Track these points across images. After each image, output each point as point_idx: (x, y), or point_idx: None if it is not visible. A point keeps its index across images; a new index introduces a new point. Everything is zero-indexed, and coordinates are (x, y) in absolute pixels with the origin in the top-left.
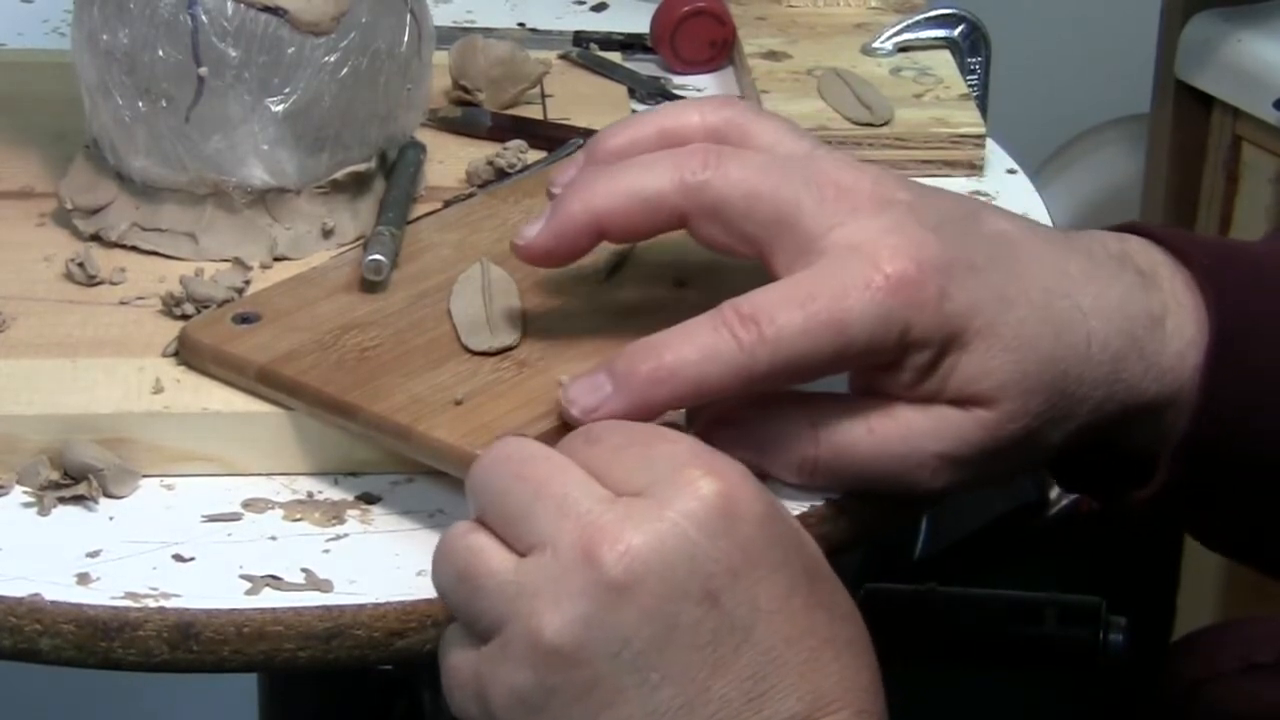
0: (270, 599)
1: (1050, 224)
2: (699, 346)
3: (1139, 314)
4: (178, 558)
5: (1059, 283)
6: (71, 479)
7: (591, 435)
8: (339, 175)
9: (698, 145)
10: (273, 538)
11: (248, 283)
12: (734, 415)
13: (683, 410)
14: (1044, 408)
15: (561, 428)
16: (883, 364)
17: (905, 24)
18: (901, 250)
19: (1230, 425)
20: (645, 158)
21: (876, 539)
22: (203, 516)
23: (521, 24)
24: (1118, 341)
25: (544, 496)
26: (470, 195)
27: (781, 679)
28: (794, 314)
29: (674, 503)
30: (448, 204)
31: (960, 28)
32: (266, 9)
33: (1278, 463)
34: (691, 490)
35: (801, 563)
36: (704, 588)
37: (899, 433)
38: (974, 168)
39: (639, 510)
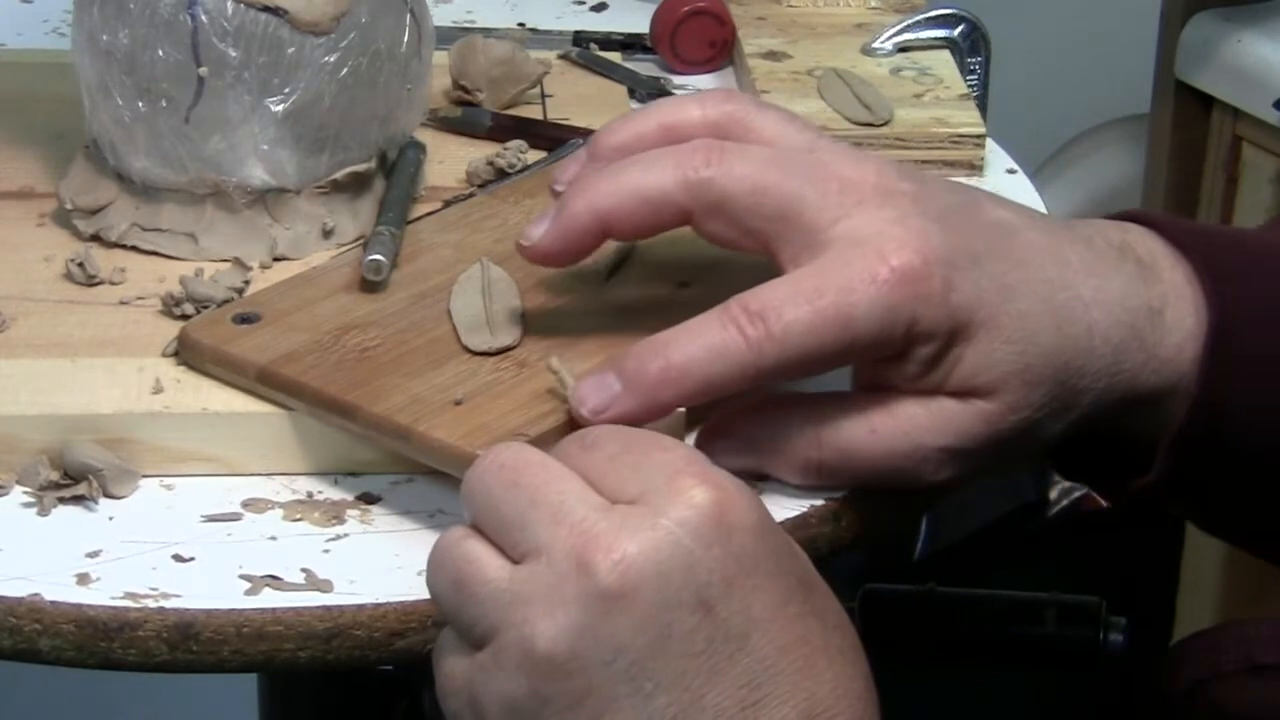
0: (270, 599)
1: None
2: (707, 344)
3: (1139, 306)
4: (177, 558)
5: (1060, 273)
6: (71, 479)
7: (587, 441)
8: (339, 175)
9: (700, 141)
10: (273, 538)
11: (248, 283)
12: (734, 424)
13: (683, 410)
14: (1045, 400)
15: (562, 427)
16: (888, 356)
17: (905, 24)
18: (906, 243)
19: (1226, 416)
20: (647, 155)
21: (877, 539)
22: (202, 516)
23: (521, 24)
24: (1119, 333)
25: (538, 504)
26: (470, 195)
27: (776, 686)
28: (801, 310)
29: (669, 511)
30: (448, 204)
31: (960, 28)
32: (266, 9)
33: (1274, 453)
34: (686, 499)
35: (795, 572)
36: (698, 596)
37: (901, 429)
38: (974, 168)
39: (634, 518)
